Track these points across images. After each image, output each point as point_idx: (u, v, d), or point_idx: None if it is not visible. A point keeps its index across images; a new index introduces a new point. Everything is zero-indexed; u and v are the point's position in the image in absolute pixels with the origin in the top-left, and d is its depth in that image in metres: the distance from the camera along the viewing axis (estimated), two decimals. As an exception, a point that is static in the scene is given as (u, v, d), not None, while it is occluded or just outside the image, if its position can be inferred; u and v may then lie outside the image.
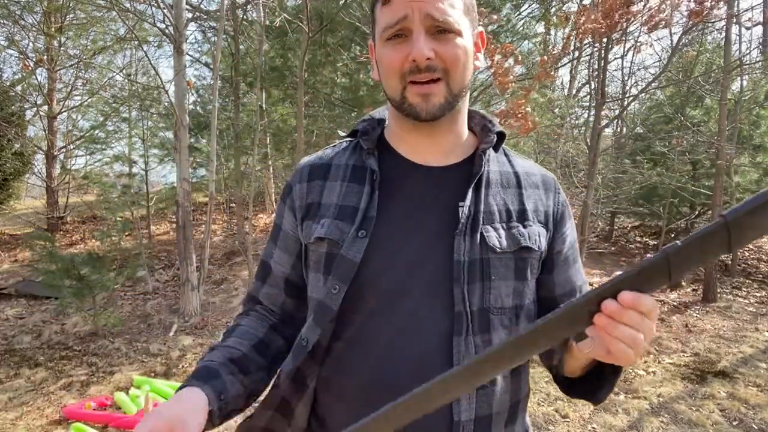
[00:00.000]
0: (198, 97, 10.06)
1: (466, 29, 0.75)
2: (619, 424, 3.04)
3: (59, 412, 3.19)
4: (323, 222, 0.78)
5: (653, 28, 4.48)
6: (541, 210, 0.82)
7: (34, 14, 9.39)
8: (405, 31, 0.72)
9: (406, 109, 0.76)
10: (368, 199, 0.78)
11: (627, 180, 7.21)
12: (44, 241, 5.03)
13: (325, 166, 0.84)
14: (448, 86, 0.74)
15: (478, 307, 0.73)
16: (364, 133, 0.83)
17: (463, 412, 0.71)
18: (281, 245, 0.87)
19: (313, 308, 0.79)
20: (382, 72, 0.77)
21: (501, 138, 0.83)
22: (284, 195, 0.87)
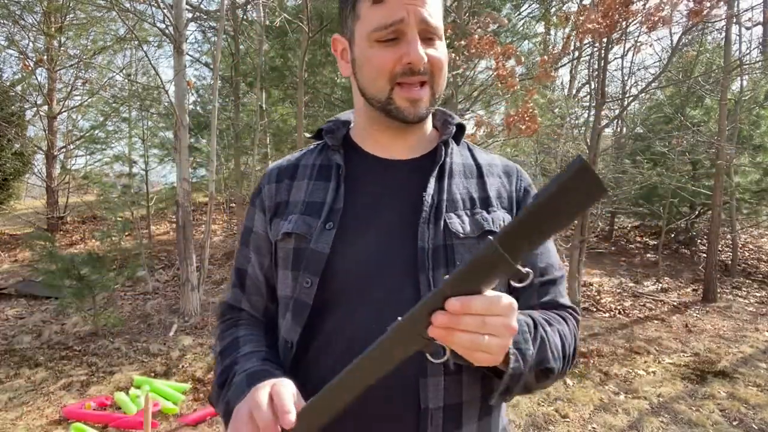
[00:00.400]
0: (198, 97, 10.06)
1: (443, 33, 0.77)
2: (619, 424, 3.04)
3: (59, 412, 3.19)
4: (290, 218, 0.80)
5: (653, 28, 4.48)
6: (504, 196, 0.83)
7: (34, 14, 9.40)
8: (398, 33, 0.72)
9: (392, 111, 0.76)
10: (334, 194, 0.79)
11: (627, 180, 7.21)
12: (44, 241, 5.03)
13: (292, 167, 0.86)
14: (432, 90, 0.76)
15: None
16: (329, 131, 0.85)
17: (430, 399, 0.70)
18: (255, 248, 0.87)
19: (289, 307, 0.79)
20: (366, 72, 0.76)
21: (461, 129, 0.85)
22: (253, 198, 0.89)
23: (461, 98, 6.98)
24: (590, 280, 6.65)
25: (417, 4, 0.71)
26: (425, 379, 0.70)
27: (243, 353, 0.78)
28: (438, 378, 0.71)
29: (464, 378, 0.73)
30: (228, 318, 0.89)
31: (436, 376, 0.71)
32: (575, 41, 5.28)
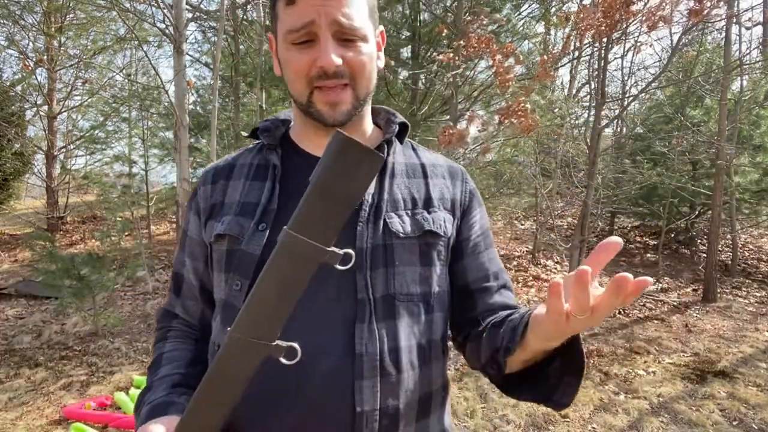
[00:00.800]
0: (198, 97, 10.05)
1: (371, 33, 0.75)
2: (619, 424, 3.04)
3: (59, 412, 3.19)
4: (224, 219, 0.78)
5: (653, 27, 4.48)
6: (447, 197, 0.82)
7: (34, 14, 9.39)
8: (311, 36, 0.71)
9: (313, 114, 0.76)
10: (269, 194, 0.77)
11: (627, 180, 7.21)
12: (44, 241, 5.03)
13: (228, 167, 0.84)
14: (355, 92, 0.75)
15: (382, 294, 0.72)
16: (266, 130, 0.84)
17: (365, 403, 0.69)
18: (189, 253, 0.85)
19: (219, 310, 0.77)
20: (287, 74, 0.76)
21: (404, 128, 0.84)
22: (190, 201, 0.86)
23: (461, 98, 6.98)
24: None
25: (329, 5, 0.69)
26: (360, 381, 0.69)
27: (158, 377, 0.77)
28: (374, 380, 0.70)
29: (403, 381, 0.72)
30: (161, 326, 0.88)
31: (372, 378, 0.70)
32: (575, 41, 5.28)
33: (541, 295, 6.05)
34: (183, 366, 0.79)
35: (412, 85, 7.59)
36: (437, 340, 0.79)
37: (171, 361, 0.80)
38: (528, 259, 7.47)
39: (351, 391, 0.69)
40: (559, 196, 7.72)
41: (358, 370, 0.69)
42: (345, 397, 0.69)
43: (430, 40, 7.58)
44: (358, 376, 0.69)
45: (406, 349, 0.73)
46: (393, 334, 0.72)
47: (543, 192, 7.26)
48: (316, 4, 0.69)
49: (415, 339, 0.74)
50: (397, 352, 0.72)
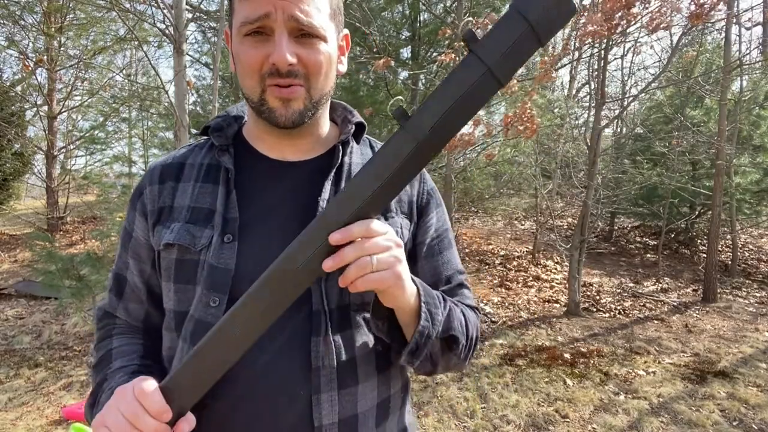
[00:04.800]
0: (198, 97, 10.06)
1: (332, 34, 0.72)
2: (619, 424, 3.04)
3: (59, 412, 3.19)
4: (173, 226, 0.74)
5: (654, 30, 4.48)
6: (404, 200, 0.79)
7: (34, 14, 9.39)
8: (266, 29, 0.67)
9: (264, 113, 0.71)
10: (225, 201, 0.73)
11: (627, 180, 7.22)
12: (44, 241, 5.03)
13: (177, 166, 0.79)
14: (309, 93, 0.71)
15: (337, 305, 0.71)
16: (217, 129, 0.79)
17: (324, 417, 0.68)
18: (134, 254, 0.80)
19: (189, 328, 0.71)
20: (239, 69, 0.72)
21: (360, 128, 0.81)
22: (134, 199, 0.81)
23: (461, 98, 6.97)
24: (590, 280, 6.66)
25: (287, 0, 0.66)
26: (318, 395, 0.68)
27: (113, 369, 0.74)
28: (332, 393, 0.69)
29: (360, 390, 0.72)
30: (103, 325, 0.84)
31: (329, 392, 0.69)
32: (575, 42, 5.28)
33: (541, 295, 6.05)
34: (137, 358, 0.76)
35: (412, 85, 7.59)
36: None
37: (123, 355, 0.76)
38: (528, 259, 7.47)
39: (309, 406, 0.68)
40: (559, 196, 7.72)
41: (315, 384, 0.68)
42: (303, 412, 0.68)
43: (430, 40, 7.59)
44: (315, 390, 0.68)
45: (363, 358, 0.72)
46: (350, 344, 0.71)
47: (543, 192, 7.26)
48: None
49: (371, 346, 0.74)
50: (354, 362, 0.71)
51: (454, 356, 0.74)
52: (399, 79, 7.73)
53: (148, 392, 0.59)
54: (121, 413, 0.58)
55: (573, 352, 4.20)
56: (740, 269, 7.18)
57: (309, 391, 0.68)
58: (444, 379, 3.65)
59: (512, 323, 5.03)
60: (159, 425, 0.58)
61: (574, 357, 4.09)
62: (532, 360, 4.04)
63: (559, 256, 7.48)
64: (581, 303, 5.51)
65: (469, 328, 0.77)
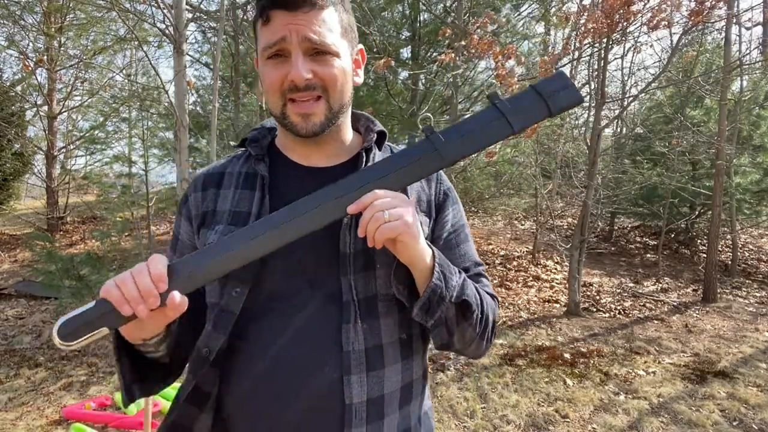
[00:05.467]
0: (198, 97, 10.05)
1: (345, 50, 0.80)
2: (619, 424, 3.04)
3: (59, 412, 3.19)
4: (217, 228, 0.82)
5: (654, 28, 4.48)
6: (423, 200, 0.87)
7: (34, 14, 9.39)
8: (284, 51, 0.76)
9: (287, 125, 0.80)
10: (260, 204, 0.81)
11: (627, 180, 7.21)
12: (44, 241, 5.03)
13: (218, 175, 0.89)
14: (328, 104, 0.79)
15: (364, 296, 0.78)
16: (253, 140, 0.89)
17: (354, 396, 0.75)
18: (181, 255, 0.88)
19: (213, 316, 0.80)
20: (264, 88, 0.81)
21: (382, 136, 0.90)
22: (181, 206, 0.91)
23: (461, 98, 6.98)
24: (590, 280, 6.65)
25: (299, 24, 0.75)
26: (349, 376, 0.75)
27: None
28: (361, 375, 0.76)
29: (386, 373, 0.79)
30: None
31: (359, 373, 0.76)
32: (575, 42, 5.28)
33: (541, 295, 6.05)
34: None
35: (412, 86, 7.59)
36: (417, 333, 0.85)
37: None
38: (528, 259, 7.47)
39: (341, 386, 0.75)
40: (559, 196, 7.73)
41: (346, 366, 0.75)
42: (335, 392, 0.75)
43: (430, 40, 7.58)
44: (346, 371, 0.75)
45: (389, 345, 0.80)
46: (377, 331, 0.78)
47: (543, 192, 7.26)
48: (288, 22, 0.75)
49: (396, 335, 0.81)
50: (380, 348, 0.78)
51: (469, 327, 0.80)
52: (399, 79, 7.73)
53: (156, 261, 0.67)
54: (130, 271, 0.66)
55: (573, 352, 4.20)
56: (740, 269, 7.18)
57: (340, 373, 0.75)
58: (444, 379, 3.65)
59: (512, 323, 5.03)
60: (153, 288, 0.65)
61: (574, 357, 4.09)
62: (532, 360, 4.04)
63: (559, 256, 7.48)
64: (581, 303, 5.51)
65: (485, 305, 0.83)
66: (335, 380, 0.75)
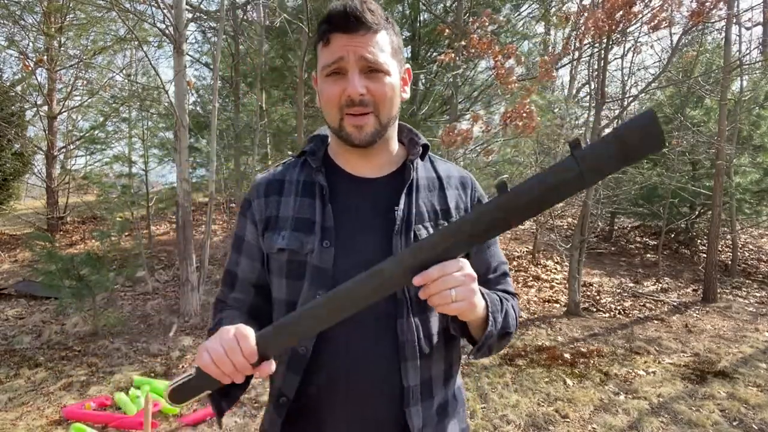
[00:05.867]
0: (198, 97, 10.05)
1: (394, 69, 0.89)
2: (619, 424, 3.04)
3: (59, 412, 3.19)
4: (283, 234, 0.92)
5: (655, 28, 4.48)
6: (461, 206, 0.98)
7: (34, 14, 9.39)
8: (341, 69, 0.85)
9: (343, 136, 0.89)
10: (322, 212, 0.91)
11: (627, 180, 7.21)
12: (44, 241, 5.03)
13: (278, 183, 0.98)
14: (378, 118, 0.88)
15: (415, 293, 0.87)
16: (312, 153, 0.97)
17: (410, 379, 0.88)
18: (247, 254, 0.99)
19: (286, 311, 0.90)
20: (322, 103, 0.90)
21: (425, 149, 0.99)
22: (244, 210, 1.00)
23: (461, 98, 6.98)
24: (590, 280, 6.65)
25: (356, 45, 0.84)
26: (405, 363, 0.88)
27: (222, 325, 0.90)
28: (414, 361, 0.88)
29: (433, 358, 0.92)
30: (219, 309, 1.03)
31: (413, 360, 0.88)
32: (575, 42, 5.28)
33: (541, 295, 6.05)
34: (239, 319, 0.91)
35: (412, 85, 7.58)
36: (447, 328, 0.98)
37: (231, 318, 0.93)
38: (528, 259, 7.47)
39: (398, 371, 0.88)
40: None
41: (402, 354, 0.87)
42: (394, 376, 0.88)
43: (430, 40, 7.58)
44: (402, 359, 0.88)
45: (436, 335, 0.92)
46: (425, 324, 0.90)
47: (543, 192, 7.24)
48: (345, 43, 0.84)
49: (441, 326, 0.93)
50: (429, 338, 0.91)
51: (505, 343, 0.95)
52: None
53: (245, 335, 0.75)
54: (221, 344, 0.74)
55: (573, 352, 4.20)
56: (740, 269, 7.18)
57: (397, 360, 0.87)
58: (444, 379, 3.64)
59: (512, 323, 5.02)
60: (247, 364, 0.74)
61: (574, 357, 4.09)
62: (532, 360, 4.04)
63: (559, 256, 7.48)
64: (581, 303, 5.51)
65: (516, 319, 0.97)
66: (394, 366, 0.87)
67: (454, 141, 4.17)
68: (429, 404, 0.91)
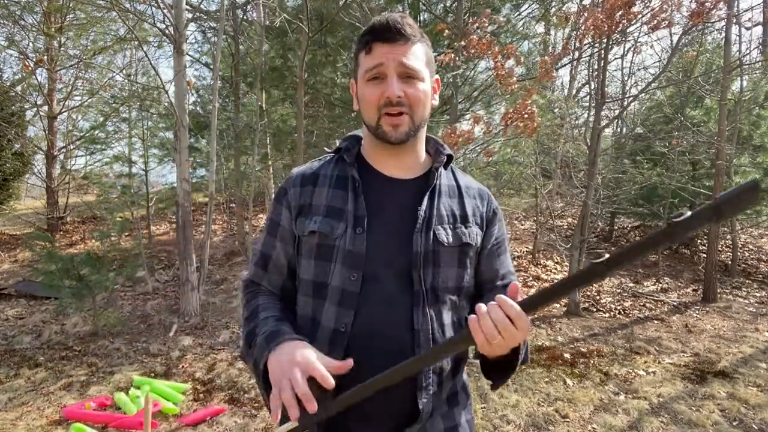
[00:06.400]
0: (198, 97, 10.05)
1: (427, 77, 0.99)
2: (619, 424, 3.04)
3: (59, 412, 3.19)
4: (315, 219, 0.99)
5: (655, 28, 4.48)
6: (478, 215, 1.07)
7: (34, 14, 9.39)
8: (381, 74, 0.95)
9: (380, 135, 0.98)
10: (354, 202, 0.99)
11: (627, 180, 7.21)
12: (44, 241, 5.03)
13: (314, 175, 1.06)
14: (412, 119, 0.97)
15: (430, 286, 0.97)
16: (347, 150, 1.06)
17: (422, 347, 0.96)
18: (281, 238, 1.06)
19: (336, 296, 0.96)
20: (362, 104, 1.00)
21: (449, 159, 1.08)
22: (280, 197, 1.08)
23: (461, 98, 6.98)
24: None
25: (395, 53, 0.94)
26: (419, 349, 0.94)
27: (261, 318, 0.99)
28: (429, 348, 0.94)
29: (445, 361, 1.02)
30: (250, 291, 1.10)
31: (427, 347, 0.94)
32: (575, 42, 5.28)
33: (541, 296, 6.04)
34: (278, 311, 1.02)
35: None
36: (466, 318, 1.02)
37: (267, 309, 1.02)
38: (528, 259, 7.47)
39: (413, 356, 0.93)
40: (559, 196, 7.73)
41: (417, 341, 0.94)
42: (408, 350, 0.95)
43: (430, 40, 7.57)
44: (417, 345, 0.94)
45: (447, 326, 0.99)
46: (439, 315, 0.98)
47: (543, 192, 7.26)
48: (386, 51, 0.95)
49: (452, 318, 1.01)
50: (442, 327, 0.98)
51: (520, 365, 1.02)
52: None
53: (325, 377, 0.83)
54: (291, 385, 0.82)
55: (573, 352, 4.20)
56: (740, 269, 7.18)
57: (412, 346, 0.94)
58: (444, 379, 3.64)
59: (512, 323, 5.02)
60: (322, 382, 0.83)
61: (574, 357, 4.09)
62: (532, 360, 4.04)
63: (559, 256, 7.48)
64: (581, 303, 5.51)
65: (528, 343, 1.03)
66: (409, 352, 0.93)
67: (455, 142, 4.17)
68: (439, 392, 0.98)
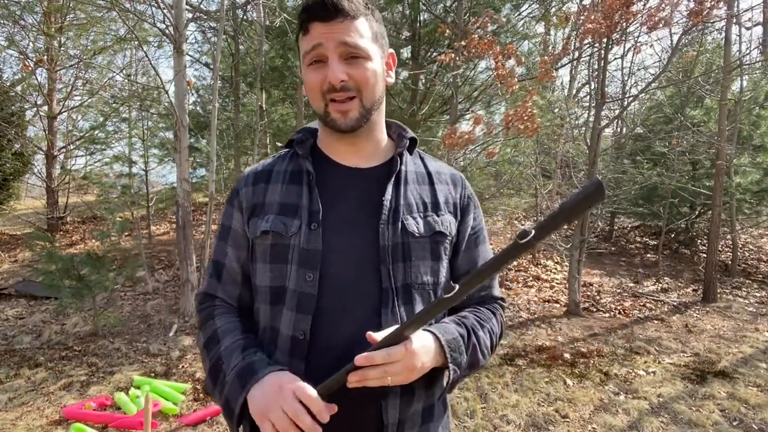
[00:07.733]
0: (198, 97, 10.05)
1: (376, 54, 0.89)
2: (619, 424, 3.04)
3: (59, 412, 3.19)
4: (268, 218, 0.91)
5: (653, 28, 4.48)
6: (450, 201, 0.97)
7: (34, 14, 9.39)
8: (321, 57, 0.86)
9: (330, 123, 0.90)
10: (308, 197, 0.91)
11: (627, 180, 7.21)
12: (44, 241, 5.02)
13: (266, 172, 0.98)
14: (362, 103, 0.88)
15: (401, 284, 0.88)
16: (299, 142, 0.98)
17: None
18: (233, 243, 0.97)
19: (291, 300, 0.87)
20: (307, 91, 0.91)
21: (413, 143, 1.00)
22: (231, 199, 0.99)
23: (461, 98, 6.98)
24: (590, 280, 6.65)
25: (335, 32, 0.84)
26: None
27: (224, 347, 0.89)
28: None
29: None
30: (205, 307, 1.00)
31: None
32: (575, 42, 5.28)
33: (541, 295, 6.05)
34: (240, 333, 0.91)
35: (412, 85, 7.59)
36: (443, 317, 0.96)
37: (228, 333, 0.92)
38: (528, 259, 7.47)
39: None
40: (559, 196, 7.72)
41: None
42: None
43: (430, 40, 7.58)
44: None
45: None
46: (411, 315, 0.87)
47: (543, 192, 7.26)
48: (323, 31, 0.85)
49: None
50: None
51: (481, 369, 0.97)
52: (399, 79, 7.73)
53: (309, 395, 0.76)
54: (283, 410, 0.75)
55: (573, 352, 4.20)
56: (740, 269, 7.18)
57: None
58: (444, 379, 3.64)
59: (512, 323, 5.03)
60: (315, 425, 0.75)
61: (574, 357, 4.09)
62: (532, 360, 4.04)
63: (559, 256, 7.48)
64: (581, 303, 5.51)
65: (493, 341, 0.96)
66: None
67: (455, 143, 4.18)
68: (408, 401, 0.88)
